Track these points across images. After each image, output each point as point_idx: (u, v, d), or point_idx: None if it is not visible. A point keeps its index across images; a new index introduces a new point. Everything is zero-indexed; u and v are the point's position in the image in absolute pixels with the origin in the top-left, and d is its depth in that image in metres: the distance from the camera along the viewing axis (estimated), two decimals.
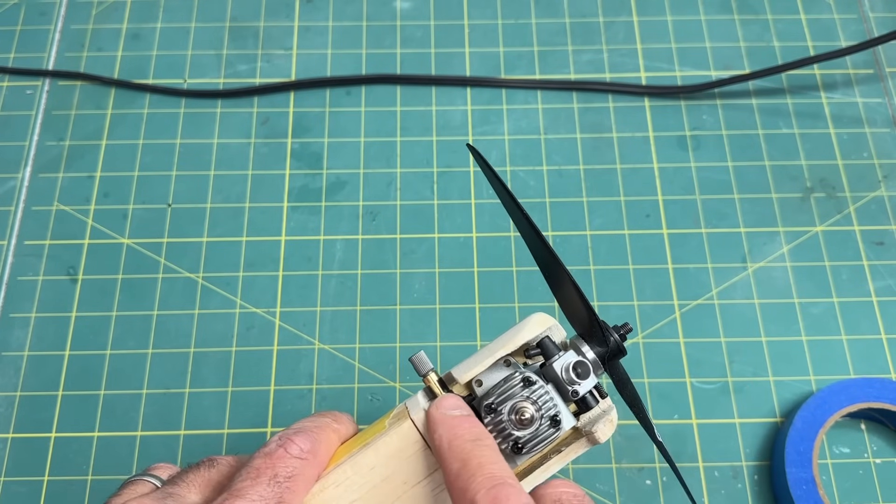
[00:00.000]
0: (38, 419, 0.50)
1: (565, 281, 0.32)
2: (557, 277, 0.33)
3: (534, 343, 0.33)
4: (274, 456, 0.30)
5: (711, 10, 0.64)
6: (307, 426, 0.32)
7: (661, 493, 0.48)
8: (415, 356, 0.33)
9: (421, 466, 0.31)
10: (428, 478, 0.31)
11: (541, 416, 0.31)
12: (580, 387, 0.31)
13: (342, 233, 0.56)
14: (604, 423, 0.32)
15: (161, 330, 0.53)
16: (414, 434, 0.31)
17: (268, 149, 0.59)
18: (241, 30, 0.64)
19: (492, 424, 0.31)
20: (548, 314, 0.33)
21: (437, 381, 0.32)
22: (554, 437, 0.31)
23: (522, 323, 0.33)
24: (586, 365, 0.31)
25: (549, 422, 0.31)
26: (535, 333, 0.33)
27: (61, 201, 0.57)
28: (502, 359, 0.32)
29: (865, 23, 0.63)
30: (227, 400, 0.51)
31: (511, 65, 0.62)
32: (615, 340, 0.32)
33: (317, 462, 0.31)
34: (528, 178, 0.58)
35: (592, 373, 0.32)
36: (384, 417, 0.33)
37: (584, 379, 0.31)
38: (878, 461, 0.49)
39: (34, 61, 0.62)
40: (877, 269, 0.55)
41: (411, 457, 0.31)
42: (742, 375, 0.51)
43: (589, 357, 0.32)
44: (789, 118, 0.60)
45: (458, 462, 0.28)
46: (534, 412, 0.31)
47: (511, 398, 0.31)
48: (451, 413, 0.30)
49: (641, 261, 0.55)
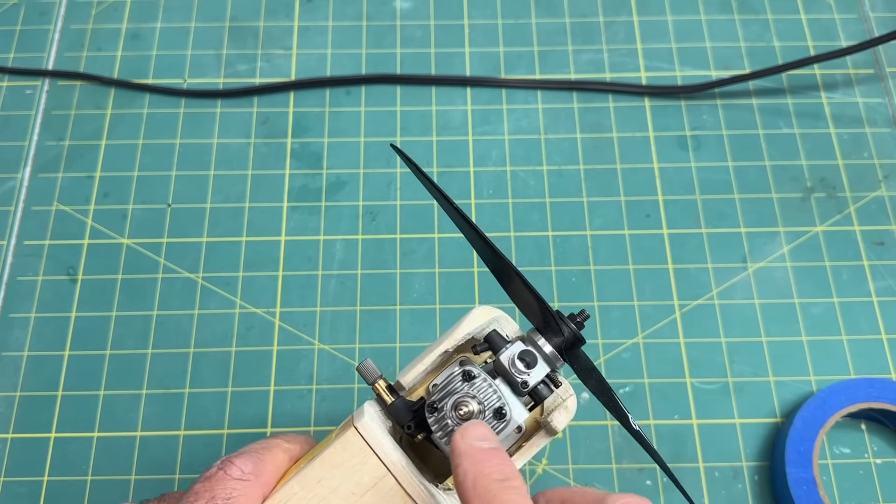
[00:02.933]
0: (37, 419, 0.50)
1: (512, 275, 0.31)
2: (504, 273, 0.32)
3: (481, 338, 0.32)
4: (213, 479, 0.29)
5: (712, 10, 0.64)
6: (252, 447, 0.31)
7: (662, 494, 0.48)
8: (361, 365, 0.32)
9: (368, 475, 0.30)
10: (375, 486, 0.30)
11: (484, 410, 0.30)
12: (529, 377, 0.30)
13: (342, 233, 0.56)
14: (559, 412, 0.31)
15: (161, 330, 0.52)
16: (358, 442, 0.30)
17: (268, 149, 0.59)
18: (240, 30, 0.64)
19: (436, 423, 0.30)
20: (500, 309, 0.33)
21: (386, 387, 0.32)
22: (504, 431, 0.30)
23: (464, 316, 0.33)
24: (532, 354, 0.31)
25: (494, 415, 0.30)
26: (476, 325, 0.32)
27: (61, 201, 0.57)
28: (453, 359, 0.32)
29: (866, 23, 0.63)
30: (226, 400, 0.51)
31: (511, 65, 0.62)
32: (571, 329, 0.32)
33: (261, 482, 0.30)
34: (528, 178, 0.58)
35: (542, 362, 0.31)
36: (334, 430, 0.33)
37: (531, 368, 0.30)
38: (878, 461, 0.49)
39: (34, 61, 0.62)
40: (877, 269, 0.54)
41: (357, 465, 0.30)
42: (742, 375, 0.51)
43: (546, 350, 0.31)
44: (789, 118, 0.60)
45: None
46: (476, 406, 0.30)
47: (452, 394, 0.30)
48: (477, 444, 0.28)
49: (641, 261, 0.55)
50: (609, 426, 0.50)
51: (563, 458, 0.49)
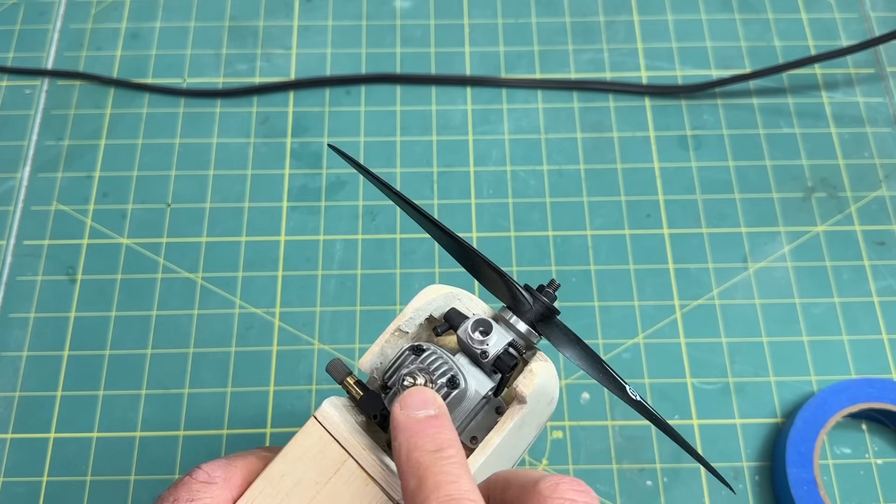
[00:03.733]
0: (36, 419, 0.50)
1: (475, 258, 0.31)
2: (470, 260, 0.32)
3: (441, 319, 0.32)
4: (179, 484, 0.30)
5: (712, 10, 0.64)
6: (226, 455, 0.31)
7: (662, 494, 0.48)
8: (329, 365, 0.31)
9: (330, 462, 0.30)
10: (337, 472, 0.30)
11: (434, 381, 0.29)
12: (488, 346, 0.30)
13: (342, 233, 0.56)
14: (523, 376, 0.30)
15: (160, 330, 0.52)
16: (317, 430, 0.30)
17: (267, 148, 0.59)
18: (240, 29, 0.63)
19: (390, 402, 0.29)
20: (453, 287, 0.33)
21: (355, 383, 0.31)
22: (459, 399, 0.29)
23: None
24: (487, 322, 0.30)
25: (447, 384, 0.29)
26: (425, 301, 0.32)
27: (60, 201, 0.57)
28: (408, 344, 0.31)
29: (866, 22, 0.63)
30: (226, 400, 0.50)
31: (511, 64, 0.62)
32: (541, 301, 0.31)
33: (230, 485, 0.30)
34: (529, 177, 0.57)
35: (502, 330, 0.30)
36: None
37: (486, 335, 0.30)
38: (879, 461, 0.49)
39: (33, 61, 0.62)
40: (878, 268, 0.54)
41: (318, 454, 0.30)
42: (743, 376, 0.51)
43: (520, 327, 0.31)
44: (790, 118, 0.60)
45: (415, 479, 0.26)
46: (426, 378, 0.29)
47: (401, 368, 0.30)
48: (414, 415, 0.27)
49: (642, 261, 0.55)
50: (609, 426, 0.50)
51: (564, 459, 0.49)
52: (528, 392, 0.30)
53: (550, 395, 0.32)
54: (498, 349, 0.30)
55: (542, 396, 0.31)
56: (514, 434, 0.31)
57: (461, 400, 0.30)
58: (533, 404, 0.31)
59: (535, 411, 0.31)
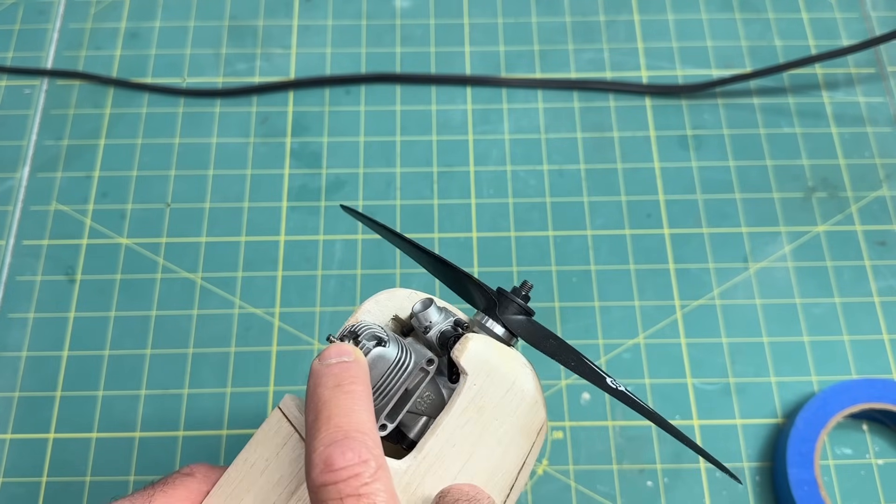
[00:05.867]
0: (36, 420, 0.50)
1: (441, 268, 0.32)
2: (436, 269, 0.33)
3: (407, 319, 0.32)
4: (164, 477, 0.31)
5: (713, 9, 0.64)
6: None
7: (663, 495, 0.48)
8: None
9: (280, 437, 0.30)
10: (285, 445, 0.30)
11: (360, 340, 0.29)
12: (431, 322, 0.31)
13: (341, 233, 0.56)
14: (459, 343, 0.30)
15: (160, 330, 0.52)
16: (276, 415, 0.31)
17: (267, 148, 0.58)
18: (240, 29, 0.63)
19: None
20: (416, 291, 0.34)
21: None
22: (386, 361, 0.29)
23: None
24: (428, 300, 0.31)
25: (373, 342, 0.30)
26: (379, 301, 0.33)
27: (60, 201, 0.57)
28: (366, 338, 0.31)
29: (867, 22, 0.63)
30: (225, 401, 0.50)
31: (511, 64, 0.62)
32: (517, 304, 0.32)
33: (207, 480, 0.31)
34: (529, 177, 0.57)
35: (445, 309, 0.31)
36: None
37: (427, 309, 0.31)
38: (879, 462, 0.49)
39: (32, 60, 0.62)
40: (879, 269, 0.54)
41: (273, 435, 0.30)
42: (743, 376, 0.51)
43: (497, 331, 0.31)
44: (791, 117, 0.60)
45: (312, 414, 0.26)
46: (350, 338, 0.30)
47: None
48: (328, 362, 0.28)
49: (642, 261, 0.54)
50: (610, 427, 0.50)
51: (564, 459, 0.49)
52: (461, 357, 0.30)
53: (505, 376, 0.30)
54: (441, 326, 0.31)
55: (495, 377, 0.30)
56: (479, 424, 0.30)
57: (387, 360, 0.30)
58: (482, 382, 0.30)
59: (492, 397, 0.30)
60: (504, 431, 0.30)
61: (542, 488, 0.48)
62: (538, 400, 0.31)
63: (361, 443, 0.25)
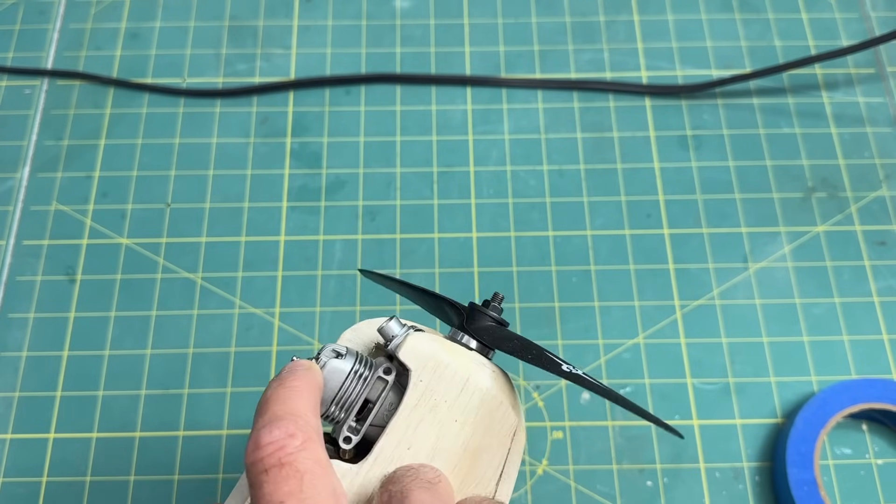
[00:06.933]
0: (36, 420, 0.50)
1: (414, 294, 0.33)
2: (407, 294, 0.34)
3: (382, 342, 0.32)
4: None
5: (712, 10, 0.64)
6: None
7: (662, 495, 0.48)
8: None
9: None
10: None
11: (321, 358, 0.29)
12: (394, 336, 0.30)
13: (341, 233, 0.56)
14: (399, 338, 0.30)
15: (160, 330, 0.52)
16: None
17: (267, 148, 0.58)
18: (240, 29, 0.63)
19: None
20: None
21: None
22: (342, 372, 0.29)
23: None
24: (394, 317, 0.31)
25: (334, 357, 0.30)
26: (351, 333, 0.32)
27: (60, 201, 0.57)
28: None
29: (867, 22, 0.63)
30: (226, 401, 0.50)
31: (511, 64, 0.62)
32: (490, 317, 0.32)
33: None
34: (529, 177, 0.57)
35: (397, 321, 0.31)
36: None
37: (388, 323, 0.31)
38: (879, 462, 0.49)
39: (33, 60, 0.62)
40: (878, 269, 0.54)
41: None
42: (743, 376, 0.51)
43: (472, 345, 0.31)
44: (790, 118, 0.60)
45: (257, 409, 0.26)
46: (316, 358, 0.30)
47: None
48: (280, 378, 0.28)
49: (642, 261, 0.54)
50: (610, 427, 0.50)
51: (564, 459, 0.49)
52: (400, 351, 0.29)
53: (456, 372, 0.29)
54: (395, 333, 0.30)
55: (444, 373, 0.29)
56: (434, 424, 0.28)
57: (343, 371, 0.29)
58: (429, 378, 0.29)
59: (445, 394, 0.29)
60: (469, 434, 0.29)
61: (541, 488, 0.48)
62: (503, 401, 0.30)
63: (291, 421, 0.25)
